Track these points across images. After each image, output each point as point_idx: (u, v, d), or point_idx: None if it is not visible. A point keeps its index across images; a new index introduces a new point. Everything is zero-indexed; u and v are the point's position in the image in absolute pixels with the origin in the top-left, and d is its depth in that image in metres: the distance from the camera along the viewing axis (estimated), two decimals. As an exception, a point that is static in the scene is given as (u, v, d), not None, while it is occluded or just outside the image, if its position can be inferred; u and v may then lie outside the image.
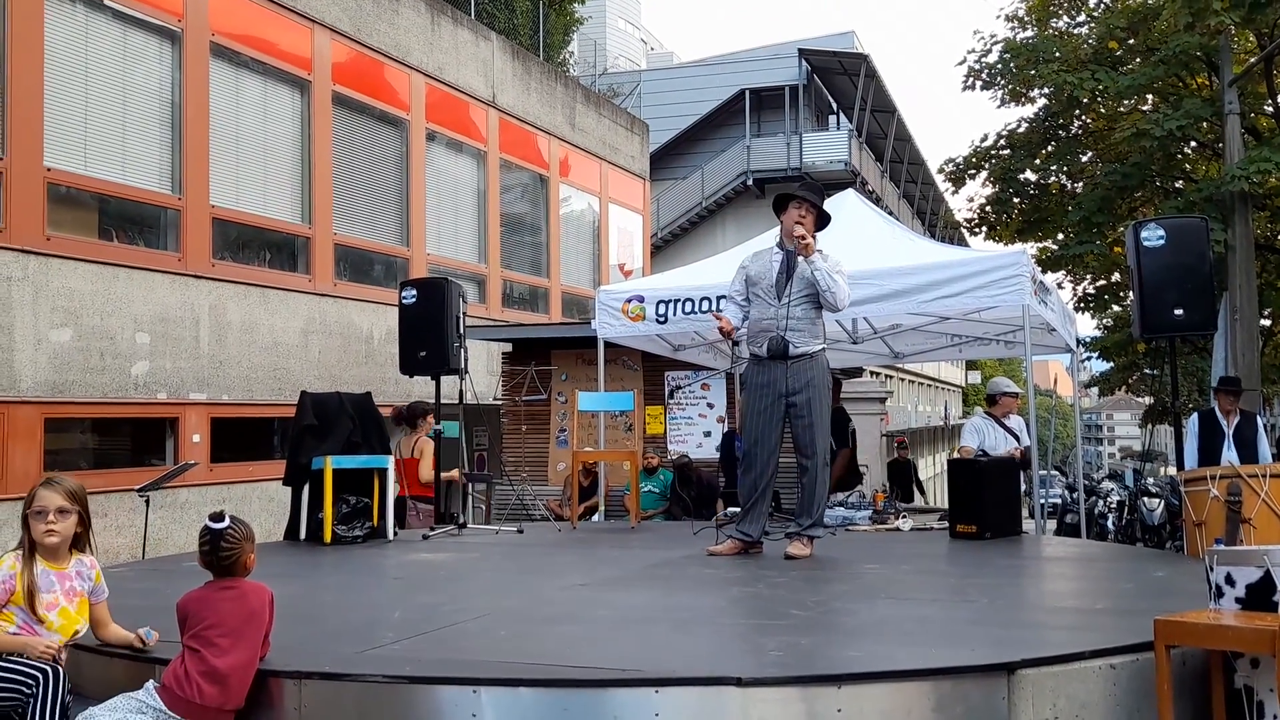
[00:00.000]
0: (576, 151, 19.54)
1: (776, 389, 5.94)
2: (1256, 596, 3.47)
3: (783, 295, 5.96)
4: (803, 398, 5.90)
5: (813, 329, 5.96)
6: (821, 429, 5.96)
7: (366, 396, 8.00)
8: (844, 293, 5.90)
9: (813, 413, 5.91)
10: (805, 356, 5.91)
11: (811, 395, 5.90)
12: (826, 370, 6.03)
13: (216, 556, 3.54)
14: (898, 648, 3.70)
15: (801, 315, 5.92)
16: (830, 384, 6.05)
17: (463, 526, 7.97)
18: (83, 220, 10.64)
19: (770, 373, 5.97)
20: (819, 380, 5.93)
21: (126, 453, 11.16)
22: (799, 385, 5.90)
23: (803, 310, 5.93)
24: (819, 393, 5.93)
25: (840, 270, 5.96)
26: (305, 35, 13.11)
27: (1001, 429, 8.33)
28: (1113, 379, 27.15)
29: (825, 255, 6.03)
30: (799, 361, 5.90)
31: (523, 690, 3.27)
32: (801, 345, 5.91)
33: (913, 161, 38.79)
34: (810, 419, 5.92)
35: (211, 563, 3.56)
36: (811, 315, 5.95)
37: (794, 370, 5.91)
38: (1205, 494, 5.75)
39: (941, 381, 48.59)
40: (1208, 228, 7.27)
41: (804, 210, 6.02)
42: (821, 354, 5.99)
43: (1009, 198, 19.13)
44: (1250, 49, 16.76)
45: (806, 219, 5.99)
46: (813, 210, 6.05)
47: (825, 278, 5.85)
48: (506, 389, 13.22)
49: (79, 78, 10.41)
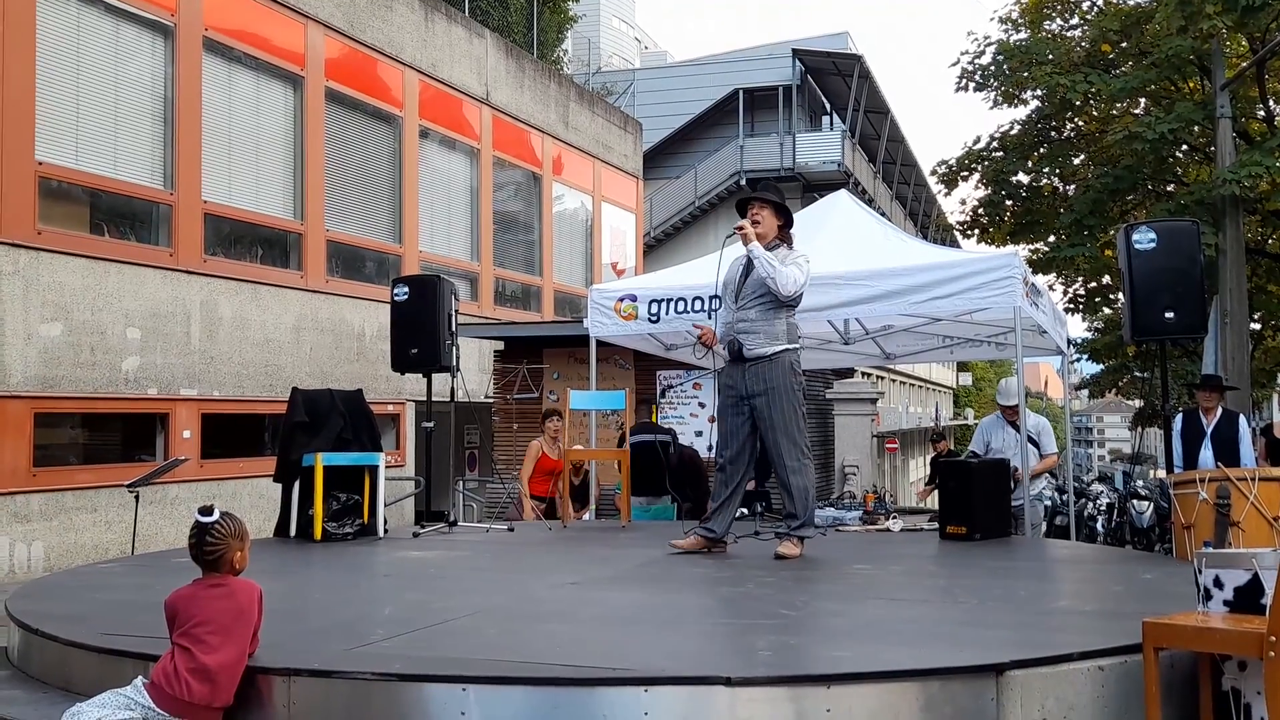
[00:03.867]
0: (570, 150, 19.53)
1: (738, 391, 5.96)
2: (1244, 599, 3.47)
3: (739, 298, 5.99)
4: (762, 401, 5.86)
5: (770, 330, 5.88)
6: (787, 431, 5.87)
7: (358, 393, 7.98)
8: (787, 278, 5.79)
9: (774, 415, 5.85)
10: (762, 359, 5.85)
11: (771, 399, 5.84)
12: (789, 372, 5.88)
13: (201, 550, 3.49)
14: (887, 648, 3.70)
15: (756, 317, 5.89)
16: (797, 385, 5.92)
17: (453, 524, 7.96)
18: (74, 215, 10.61)
19: (732, 375, 5.99)
20: (779, 383, 5.84)
21: (116, 448, 11.14)
22: (757, 389, 5.86)
23: (757, 312, 5.90)
24: (779, 396, 5.84)
25: (797, 262, 5.90)
26: (299, 31, 13.08)
27: (1012, 430, 8.33)
28: (1103, 381, 27.22)
29: (789, 250, 6.02)
30: (756, 364, 5.87)
31: (512, 688, 3.27)
32: (756, 347, 5.86)
33: (905, 163, 38.86)
34: (771, 421, 5.86)
35: (196, 557, 3.52)
36: (768, 317, 5.89)
37: (751, 373, 5.89)
38: (1194, 497, 5.76)
39: (933, 383, 48.68)
40: (1199, 231, 7.28)
41: (756, 208, 6.05)
42: (784, 355, 5.88)
43: (1001, 200, 19.18)
44: (1242, 53, 16.81)
45: (759, 214, 6.01)
46: (767, 206, 6.05)
47: (764, 265, 5.81)
48: (498, 387, 13.21)
49: (71, 71, 10.38)
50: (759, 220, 5.98)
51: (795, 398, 5.88)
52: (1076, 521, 11.04)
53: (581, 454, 9.77)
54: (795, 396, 5.88)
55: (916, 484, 32.25)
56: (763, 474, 9.18)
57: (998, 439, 8.32)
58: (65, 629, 4.12)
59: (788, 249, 6.03)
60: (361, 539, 7.19)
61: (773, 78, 32.16)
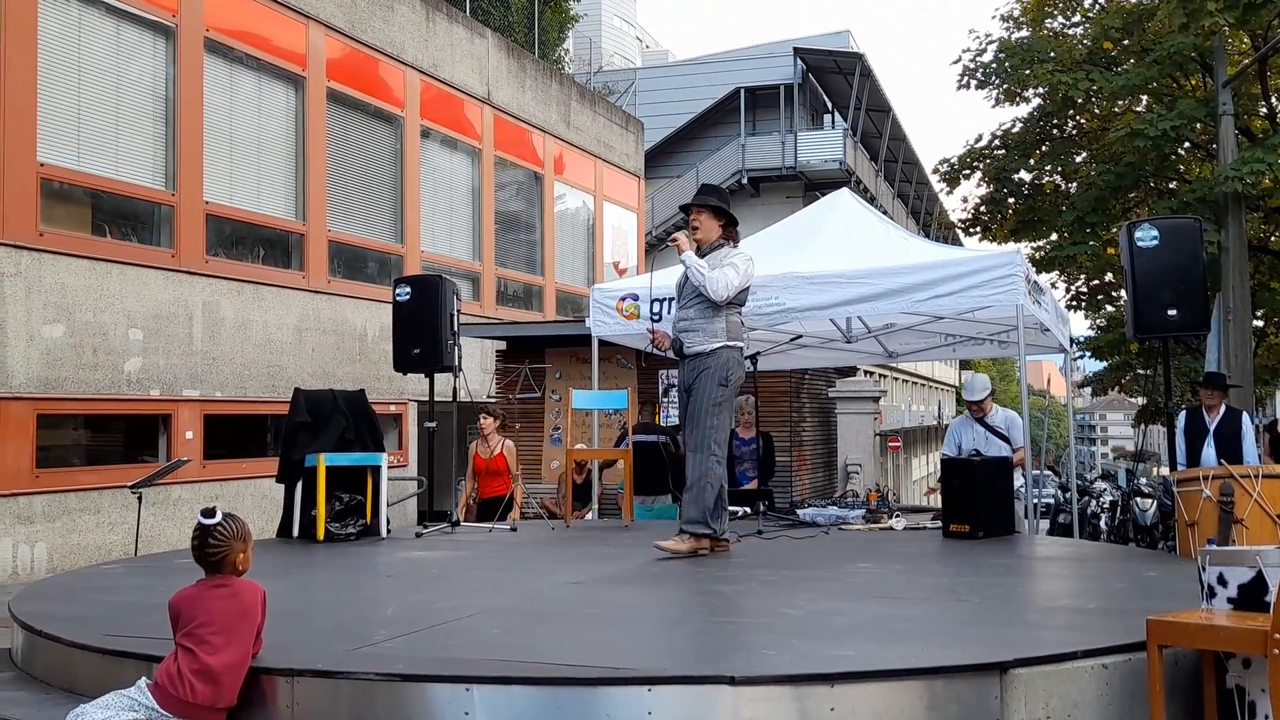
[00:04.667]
0: (571, 149, 19.53)
1: (683, 385, 6.21)
2: (1248, 597, 3.47)
3: (681, 298, 6.28)
4: (694, 391, 6.09)
5: (708, 328, 6.07)
6: (701, 422, 6.02)
7: (360, 394, 7.99)
8: (718, 283, 5.97)
9: (696, 404, 6.05)
10: (699, 355, 6.08)
11: (698, 393, 6.05)
12: (723, 366, 6.03)
13: (204, 552, 3.50)
14: (890, 647, 3.70)
15: (695, 315, 6.12)
16: (726, 379, 6.02)
17: (456, 524, 7.96)
18: (76, 216, 10.61)
19: (680, 371, 6.26)
20: (710, 375, 6.03)
21: (119, 449, 11.14)
22: (691, 380, 6.10)
23: (695, 311, 6.12)
24: (704, 392, 6.02)
25: (733, 263, 6.06)
26: (300, 31, 13.08)
27: (982, 428, 8.25)
28: (1106, 379, 27.16)
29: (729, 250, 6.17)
30: (694, 360, 6.10)
31: (516, 688, 3.27)
32: (694, 345, 6.09)
33: (907, 161, 38.82)
34: (692, 414, 6.08)
35: (199, 558, 3.53)
36: (707, 315, 6.08)
37: (689, 367, 6.13)
38: (1198, 494, 5.75)
39: (935, 381, 48.64)
40: (1201, 228, 7.27)
41: (694, 214, 6.29)
42: (721, 351, 6.04)
43: (1003, 198, 19.15)
44: (1244, 50, 16.79)
45: (698, 218, 6.24)
46: (704, 210, 6.27)
47: (694, 274, 6.05)
48: (500, 387, 13.21)
49: (73, 73, 10.38)
50: (698, 225, 6.24)
51: (719, 393, 6.04)
52: (1080, 519, 11.02)
53: (584, 454, 9.77)
54: (719, 392, 6.04)
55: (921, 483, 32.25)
56: (765, 473, 9.19)
57: (968, 438, 8.23)
58: (69, 630, 4.13)
59: (731, 248, 6.23)
60: (364, 539, 7.20)
61: (774, 76, 32.14)
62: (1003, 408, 8.54)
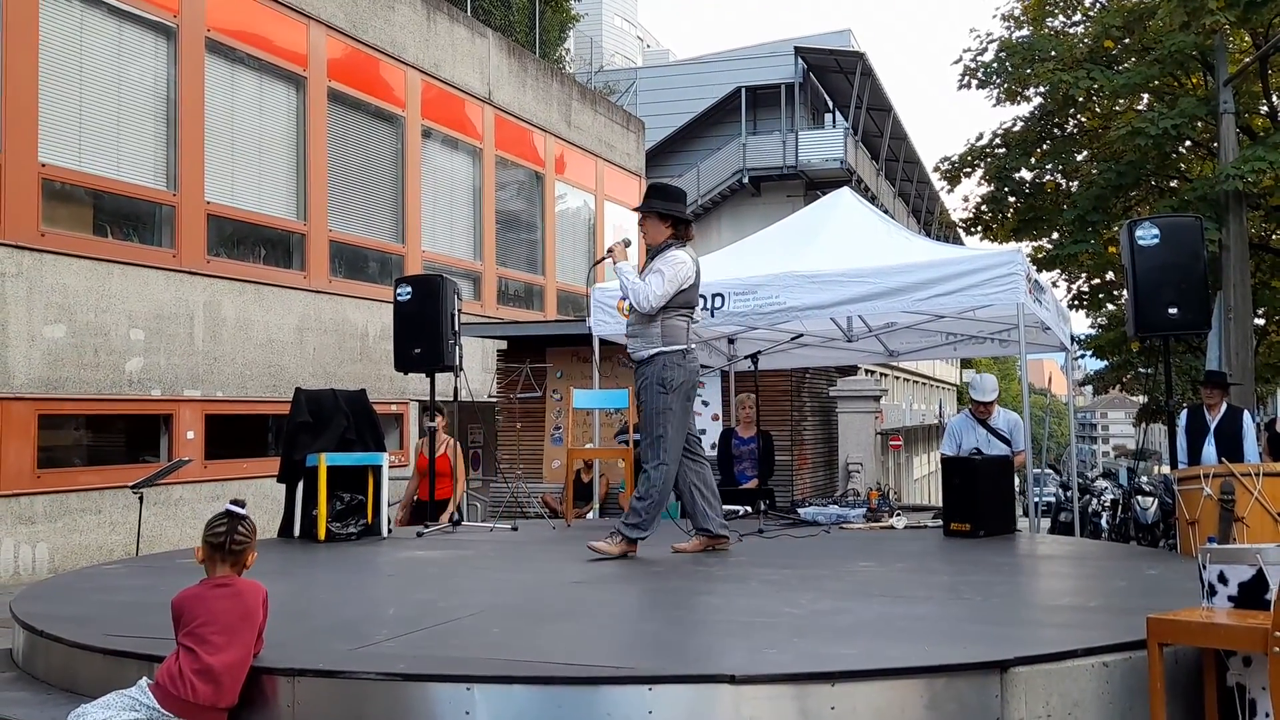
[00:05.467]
0: (572, 149, 19.53)
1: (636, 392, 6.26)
2: (1249, 595, 3.47)
3: None
4: (641, 398, 6.12)
5: (645, 334, 6.09)
6: (649, 431, 6.03)
7: (361, 393, 7.99)
8: (640, 294, 5.99)
9: (645, 412, 6.09)
10: (642, 362, 6.10)
11: (643, 399, 6.08)
12: (659, 372, 6.01)
13: (231, 539, 3.51)
14: (891, 645, 3.70)
15: (634, 322, 6.16)
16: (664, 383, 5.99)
17: (457, 523, 7.96)
18: (77, 216, 10.62)
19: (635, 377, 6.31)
20: (649, 382, 6.05)
21: (120, 449, 11.15)
22: (639, 388, 6.15)
23: (635, 317, 6.16)
24: (649, 397, 6.04)
25: (659, 269, 6.05)
26: (301, 31, 13.09)
27: (984, 429, 8.22)
28: (1107, 378, 27.13)
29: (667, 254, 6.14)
30: (640, 367, 6.14)
31: (516, 688, 3.27)
32: (636, 350, 6.13)
33: (908, 160, 38.81)
34: (641, 421, 6.12)
35: (221, 545, 3.51)
36: (644, 321, 6.11)
37: (638, 374, 6.17)
38: (1198, 492, 5.75)
39: (936, 380, 48.63)
40: (1202, 227, 7.27)
41: (640, 218, 6.33)
42: (657, 357, 6.04)
43: (1004, 196, 19.13)
44: (1245, 48, 16.78)
45: (644, 223, 6.27)
46: (650, 216, 6.27)
47: (623, 283, 6.12)
48: (502, 386, 13.21)
49: (74, 73, 10.39)
50: (644, 230, 6.30)
51: (660, 400, 6.01)
52: (1080, 518, 11.02)
53: (585, 453, 9.78)
54: (660, 399, 6.00)
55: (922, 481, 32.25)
56: (765, 471, 9.19)
57: (969, 438, 8.17)
58: (70, 631, 4.13)
59: (677, 249, 6.17)
60: (365, 539, 7.20)
61: (775, 76, 32.14)
62: (1004, 409, 8.50)
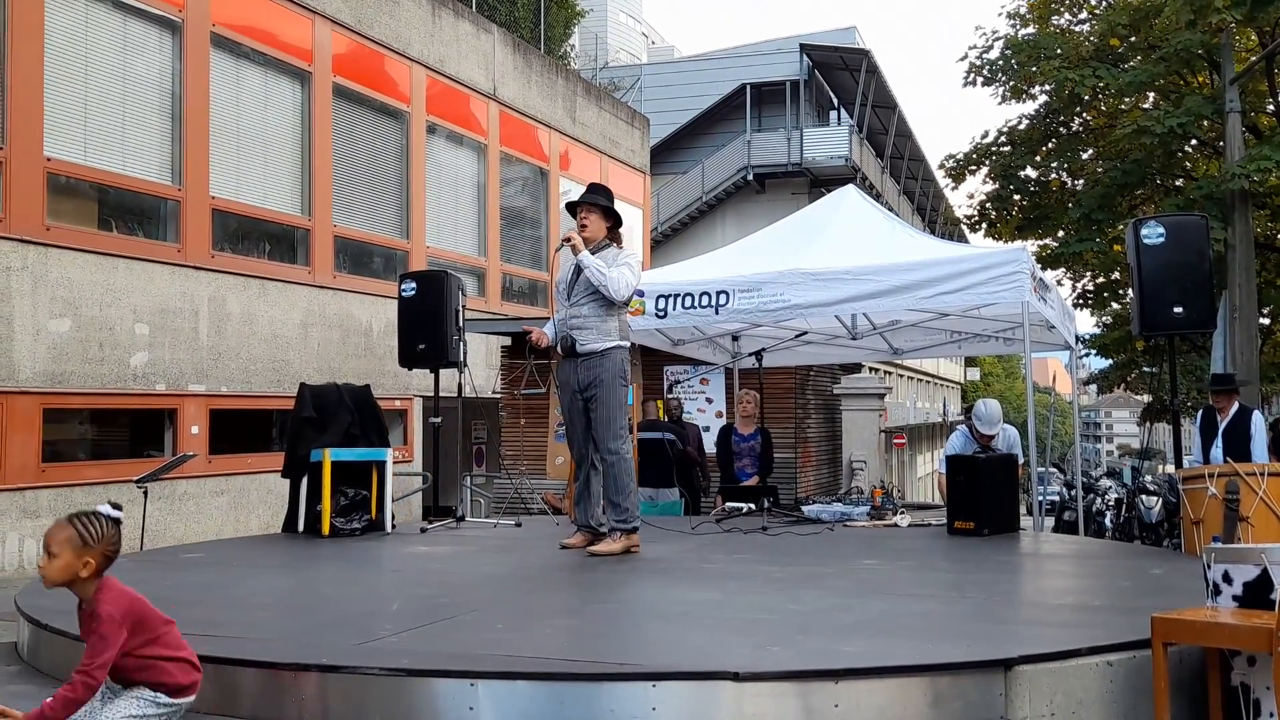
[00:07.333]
0: (577, 145, 19.52)
1: (571, 385, 6.18)
2: (1254, 594, 3.47)
3: (571, 295, 6.21)
4: (591, 394, 6.09)
5: (602, 326, 6.09)
6: (610, 422, 6.06)
7: (365, 389, 8.00)
8: (619, 283, 6.03)
9: (599, 409, 6.07)
10: (594, 354, 6.08)
11: (599, 392, 6.06)
12: (619, 365, 6.09)
13: (117, 548, 3.13)
14: (895, 643, 3.70)
15: (588, 314, 6.11)
16: (625, 376, 6.08)
17: (461, 520, 7.97)
18: (82, 210, 10.63)
19: (566, 370, 6.22)
20: (609, 378, 6.06)
21: (125, 444, 11.16)
22: (588, 381, 6.09)
23: (589, 309, 6.11)
24: (608, 390, 6.06)
25: (627, 263, 6.11)
26: (306, 26, 13.09)
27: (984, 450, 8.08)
28: (1111, 376, 27.12)
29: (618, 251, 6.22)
30: (588, 359, 6.09)
31: (519, 683, 3.28)
32: (589, 343, 6.08)
33: (913, 158, 38.75)
34: (598, 414, 6.08)
35: (115, 554, 3.13)
36: (600, 314, 6.09)
37: (583, 367, 6.11)
38: (1203, 492, 5.75)
39: (940, 378, 48.61)
40: (1207, 226, 7.26)
41: (584, 212, 6.31)
42: (614, 351, 6.08)
43: (1009, 194, 19.12)
44: (1251, 47, 16.75)
45: (587, 218, 6.28)
46: (594, 210, 6.30)
47: (594, 273, 6.05)
48: (505, 383, 13.22)
49: (79, 67, 10.39)
50: (586, 224, 6.28)
51: (620, 394, 6.10)
52: (1085, 517, 11.01)
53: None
54: (620, 393, 6.10)
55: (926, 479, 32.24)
56: (765, 469, 9.18)
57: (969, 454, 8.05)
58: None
59: (617, 249, 6.26)
60: (369, 534, 7.22)
61: (780, 73, 32.10)
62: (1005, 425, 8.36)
